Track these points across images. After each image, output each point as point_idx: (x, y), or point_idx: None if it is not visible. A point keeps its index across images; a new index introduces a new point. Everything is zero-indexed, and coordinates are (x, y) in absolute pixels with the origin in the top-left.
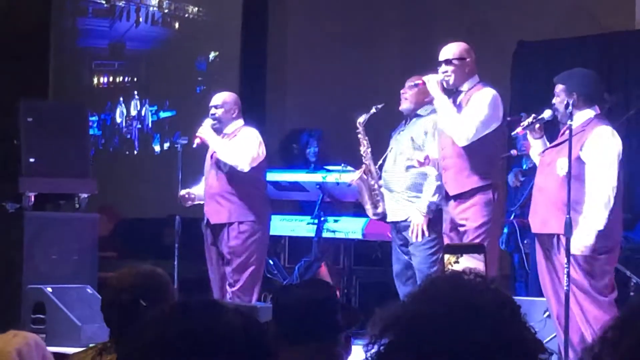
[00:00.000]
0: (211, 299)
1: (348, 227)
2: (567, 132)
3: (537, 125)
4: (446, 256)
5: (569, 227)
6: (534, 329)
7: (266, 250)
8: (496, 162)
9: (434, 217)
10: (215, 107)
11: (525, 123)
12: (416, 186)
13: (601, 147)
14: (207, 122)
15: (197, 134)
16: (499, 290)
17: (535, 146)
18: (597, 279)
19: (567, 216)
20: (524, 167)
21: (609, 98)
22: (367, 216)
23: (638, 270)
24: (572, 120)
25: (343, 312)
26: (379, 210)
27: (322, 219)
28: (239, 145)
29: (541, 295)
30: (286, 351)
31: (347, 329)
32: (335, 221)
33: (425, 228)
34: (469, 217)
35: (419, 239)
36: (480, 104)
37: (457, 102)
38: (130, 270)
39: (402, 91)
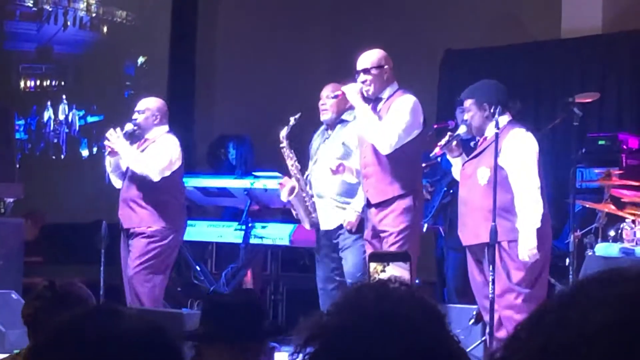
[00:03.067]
0: (112, 306)
1: (275, 234)
2: (484, 143)
3: (454, 143)
4: (372, 265)
5: (494, 234)
6: (459, 337)
7: (174, 258)
8: (417, 168)
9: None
10: (138, 112)
11: (442, 142)
12: (347, 192)
13: (519, 149)
14: (116, 131)
15: (106, 144)
16: (424, 298)
17: (456, 164)
18: (534, 284)
19: (493, 223)
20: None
21: (513, 105)
22: (294, 222)
23: (563, 278)
24: (498, 127)
25: (269, 321)
26: (314, 220)
27: (250, 225)
28: (151, 154)
29: (462, 302)
30: (212, 348)
31: (272, 336)
32: (263, 227)
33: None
34: (389, 223)
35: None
36: (401, 111)
37: (377, 110)
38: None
39: (320, 103)
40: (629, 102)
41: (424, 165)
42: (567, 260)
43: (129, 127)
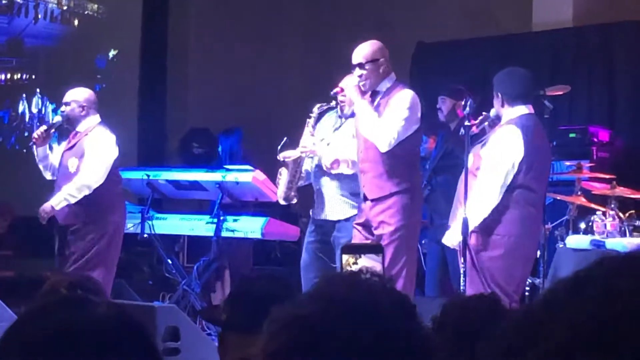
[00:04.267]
0: (80, 296)
1: (247, 227)
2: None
3: (486, 123)
4: (344, 257)
5: (465, 226)
6: (429, 328)
7: (117, 251)
8: (415, 164)
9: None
10: (65, 104)
11: (477, 121)
12: (350, 187)
13: (497, 146)
14: (42, 129)
15: (35, 143)
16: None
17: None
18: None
19: (464, 217)
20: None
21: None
22: (266, 215)
23: (534, 271)
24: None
25: None
26: (291, 199)
27: (222, 218)
28: (88, 161)
29: (437, 293)
30: (235, 337)
31: None
32: (235, 220)
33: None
34: (385, 220)
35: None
36: (400, 107)
37: (375, 104)
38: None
39: (340, 100)
40: (600, 95)
41: None
42: (538, 253)
43: (57, 119)
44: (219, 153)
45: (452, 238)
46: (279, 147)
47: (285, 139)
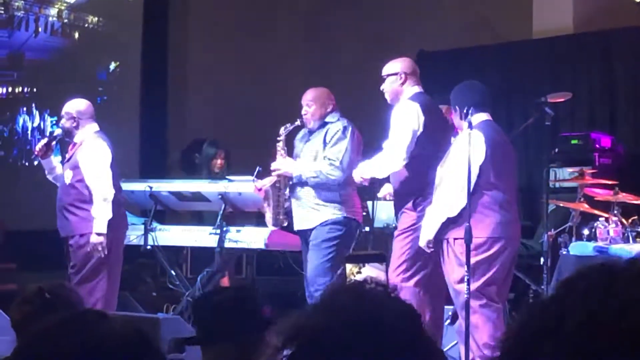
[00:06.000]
0: (96, 311)
1: (250, 237)
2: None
3: None
4: (348, 266)
5: (468, 233)
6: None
7: (119, 260)
8: (418, 169)
9: (336, 228)
10: (62, 116)
11: None
12: (323, 195)
13: (457, 149)
14: (42, 142)
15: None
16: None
17: None
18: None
19: (467, 224)
20: None
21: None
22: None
23: (537, 278)
24: (470, 127)
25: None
26: (281, 222)
27: (224, 229)
28: (89, 176)
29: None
30: (214, 349)
31: (270, 325)
32: (238, 231)
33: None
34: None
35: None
36: (395, 123)
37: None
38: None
39: (302, 111)
40: (601, 101)
41: None
42: (542, 260)
43: (57, 132)
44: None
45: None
46: (254, 177)
47: (258, 168)
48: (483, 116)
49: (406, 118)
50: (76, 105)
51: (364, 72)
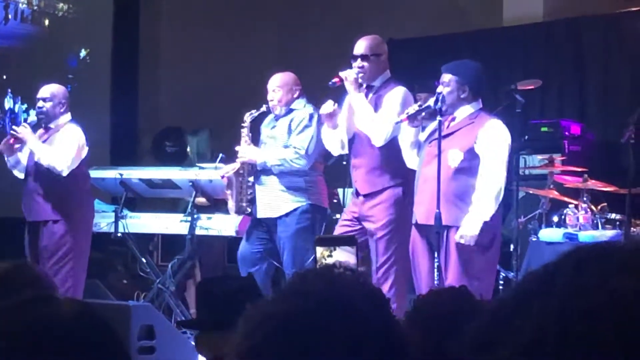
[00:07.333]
0: (46, 294)
1: (221, 225)
2: (453, 123)
3: (423, 114)
4: (318, 249)
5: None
6: (402, 322)
7: (88, 247)
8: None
9: (305, 217)
10: (43, 99)
11: (411, 111)
12: (287, 181)
13: (497, 141)
14: (10, 140)
15: (14, 133)
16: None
17: (408, 133)
18: (479, 279)
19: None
20: None
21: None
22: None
23: (507, 264)
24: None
25: None
26: (244, 210)
27: (195, 216)
28: (58, 148)
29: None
30: (210, 337)
31: None
32: (209, 218)
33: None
34: (377, 214)
35: None
36: (393, 104)
37: (369, 98)
38: None
39: (269, 97)
40: (571, 88)
41: None
42: (512, 246)
43: (32, 119)
44: (188, 153)
45: (464, 232)
46: (216, 164)
47: (220, 155)
48: (478, 105)
49: (405, 105)
50: (62, 89)
51: (333, 60)
